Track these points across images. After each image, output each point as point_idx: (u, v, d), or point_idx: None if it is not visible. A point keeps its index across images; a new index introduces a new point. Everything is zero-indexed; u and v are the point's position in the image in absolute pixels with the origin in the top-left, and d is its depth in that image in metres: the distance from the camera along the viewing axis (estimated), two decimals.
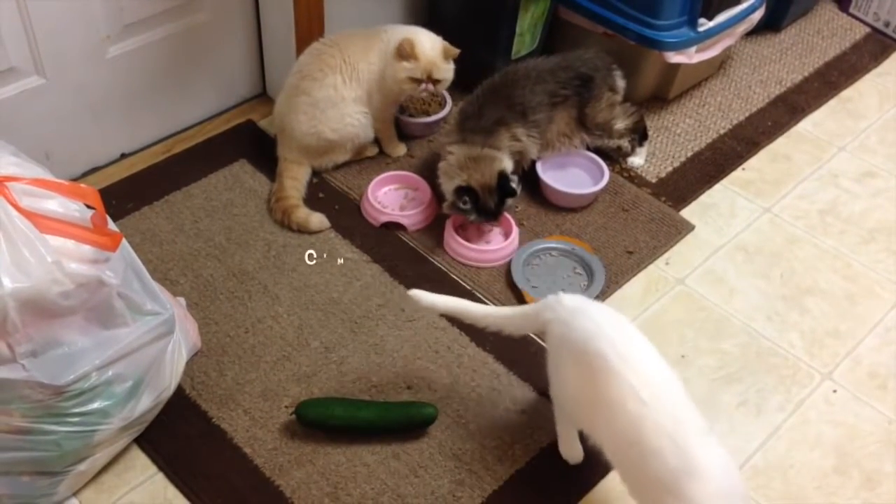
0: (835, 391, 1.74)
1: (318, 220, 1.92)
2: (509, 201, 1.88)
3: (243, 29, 2.13)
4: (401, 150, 2.12)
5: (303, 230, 1.91)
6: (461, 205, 1.84)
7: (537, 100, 1.95)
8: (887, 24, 2.64)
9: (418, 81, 1.93)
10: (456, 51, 1.96)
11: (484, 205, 1.84)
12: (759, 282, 1.93)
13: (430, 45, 1.94)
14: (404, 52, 1.91)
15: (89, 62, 1.88)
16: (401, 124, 2.14)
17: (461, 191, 1.83)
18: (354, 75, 1.94)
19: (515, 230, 1.93)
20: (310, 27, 2.06)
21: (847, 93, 2.46)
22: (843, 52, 2.59)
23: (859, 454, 1.64)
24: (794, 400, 1.72)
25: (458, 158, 1.87)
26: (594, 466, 1.57)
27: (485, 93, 1.96)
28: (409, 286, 1.83)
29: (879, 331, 1.85)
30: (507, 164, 1.89)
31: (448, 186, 1.87)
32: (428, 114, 2.19)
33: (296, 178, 1.97)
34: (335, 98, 1.93)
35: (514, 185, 1.85)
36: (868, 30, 2.67)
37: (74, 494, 1.48)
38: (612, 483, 1.56)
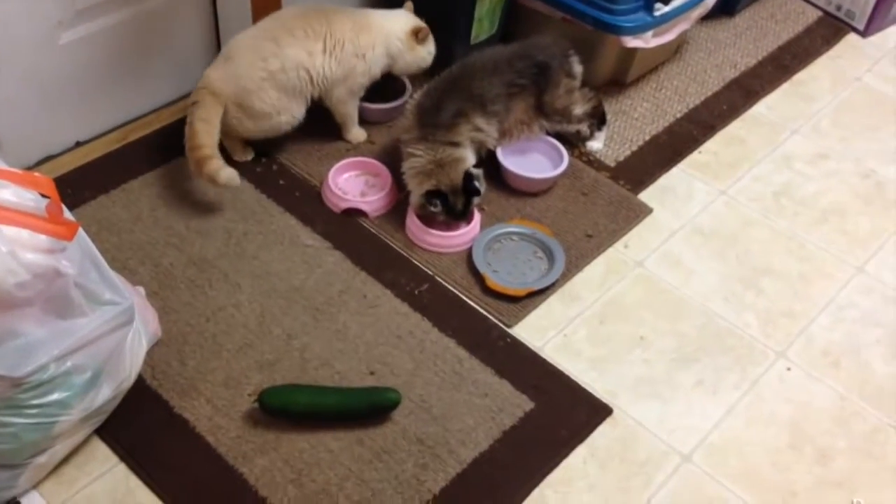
0: (789, 369, 1.78)
1: (227, 174, 1.84)
2: (476, 200, 1.90)
3: (199, 14, 2.10)
4: (361, 136, 2.12)
5: (211, 183, 1.85)
6: (431, 207, 1.87)
7: (495, 91, 1.96)
8: (839, 8, 2.68)
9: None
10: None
11: (453, 206, 1.87)
12: (715, 263, 1.96)
13: (423, 23, 2.04)
14: (422, 39, 2.01)
15: (41, 49, 1.84)
16: (361, 110, 2.14)
17: (431, 194, 1.86)
18: (337, 53, 1.91)
19: (477, 216, 1.94)
20: (267, 11, 2.03)
21: (800, 76, 2.50)
22: (796, 35, 2.62)
23: (813, 431, 1.68)
24: (749, 378, 1.75)
25: (424, 163, 1.88)
26: (557, 447, 1.59)
27: (442, 85, 1.96)
28: (370, 272, 1.84)
29: (832, 309, 1.90)
30: (471, 160, 1.90)
31: (417, 190, 1.89)
32: (388, 100, 2.18)
33: (208, 121, 1.86)
34: (306, 63, 1.88)
35: (477, 183, 1.88)
36: (820, 13, 2.71)
37: (35, 487, 1.47)
38: (574, 462, 1.59)
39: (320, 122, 2.08)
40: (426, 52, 2.04)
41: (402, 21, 2.02)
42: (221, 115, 1.89)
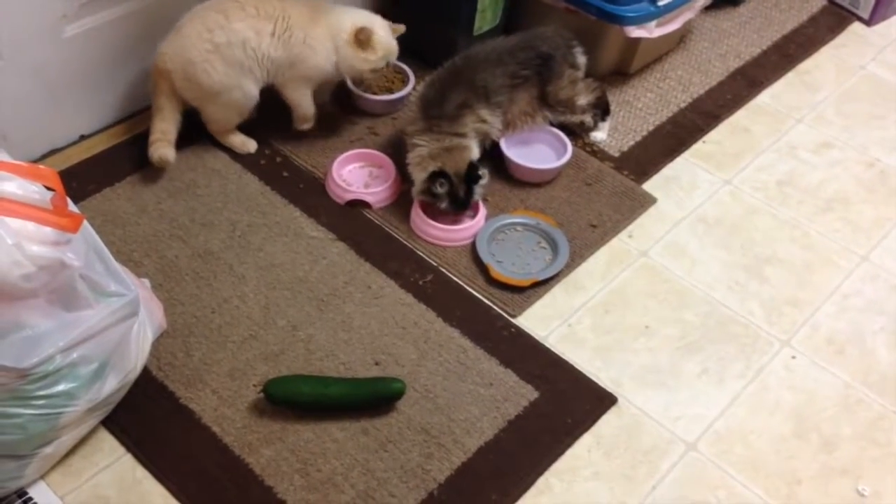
0: (794, 358, 1.78)
1: (158, 154, 1.90)
2: (478, 189, 1.89)
3: None
4: (308, 125, 2.05)
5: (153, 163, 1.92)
6: (436, 188, 1.85)
7: (498, 82, 1.96)
8: None
9: (378, 69, 1.95)
10: (402, 27, 1.96)
11: (455, 192, 1.86)
12: (719, 253, 1.96)
13: (384, 32, 1.92)
14: (362, 41, 1.89)
15: (46, 42, 1.85)
16: (364, 102, 2.14)
17: (435, 175, 1.85)
18: (285, 39, 1.87)
19: (483, 210, 1.94)
20: None
21: (804, 65, 2.49)
22: (800, 25, 2.62)
23: (817, 418, 1.68)
24: (754, 367, 1.75)
25: (430, 150, 1.87)
26: (562, 436, 1.60)
27: (446, 77, 1.96)
28: (375, 263, 1.84)
29: (836, 298, 1.90)
30: (476, 153, 1.91)
31: (420, 176, 1.88)
32: (391, 91, 2.18)
33: (162, 109, 1.90)
34: (252, 42, 1.85)
35: (480, 172, 1.87)
36: (825, 2, 2.70)
37: (42, 477, 1.48)
38: (579, 451, 1.59)
39: (323, 115, 2.08)
40: (362, 58, 1.90)
41: (353, 19, 1.90)
42: (174, 97, 1.90)
